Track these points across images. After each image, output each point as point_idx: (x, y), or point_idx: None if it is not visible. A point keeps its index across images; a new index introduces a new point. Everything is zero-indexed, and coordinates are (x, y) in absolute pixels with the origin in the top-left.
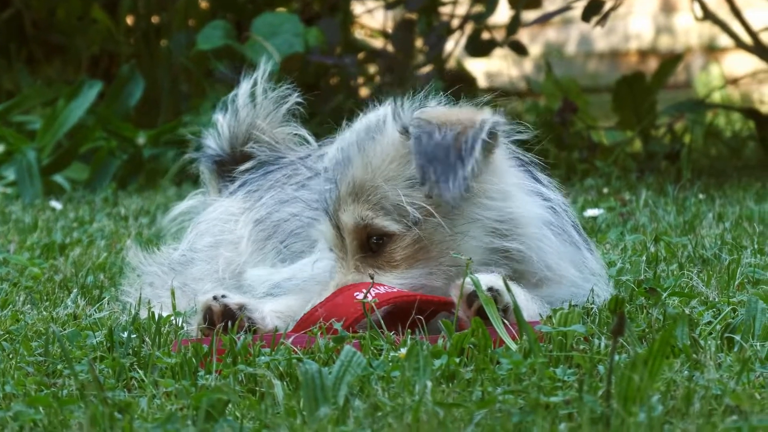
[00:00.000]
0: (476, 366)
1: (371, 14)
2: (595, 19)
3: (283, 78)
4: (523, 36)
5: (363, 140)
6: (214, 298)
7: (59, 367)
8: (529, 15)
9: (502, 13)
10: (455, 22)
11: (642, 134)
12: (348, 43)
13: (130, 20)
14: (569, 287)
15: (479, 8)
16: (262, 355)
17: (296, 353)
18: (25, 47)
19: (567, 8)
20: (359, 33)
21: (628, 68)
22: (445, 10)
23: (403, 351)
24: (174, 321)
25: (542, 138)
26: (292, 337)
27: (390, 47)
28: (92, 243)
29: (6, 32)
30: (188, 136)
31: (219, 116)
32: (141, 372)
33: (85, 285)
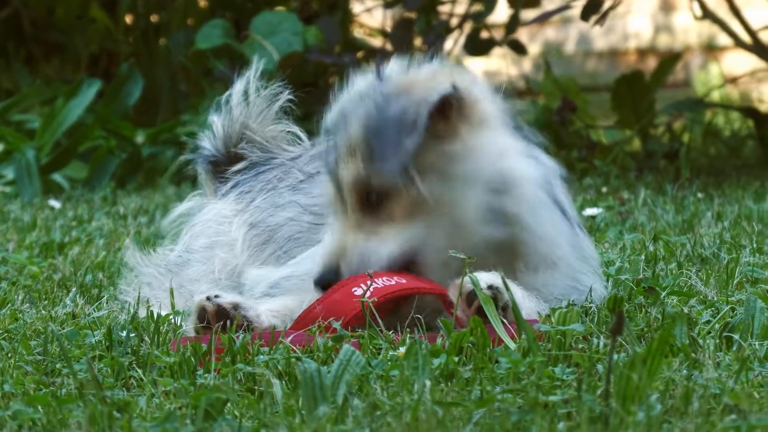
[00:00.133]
0: (475, 365)
1: (370, 13)
2: (594, 18)
3: (283, 77)
4: (522, 35)
5: (359, 100)
6: (208, 299)
7: (58, 366)
8: (528, 14)
9: (501, 12)
10: (454, 21)
11: (641, 133)
12: (347, 42)
13: (129, 19)
14: (566, 272)
15: (478, 7)
16: (261, 354)
17: (295, 352)
18: (24, 46)
19: (566, 7)
20: (358, 32)
21: (627, 67)
22: (444, 9)
23: (402, 350)
24: (173, 320)
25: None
26: (291, 336)
27: (389, 46)
28: (91, 242)
29: (4, 31)
30: (184, 138)
31: (215, 117)
32: (140, 371)
33: (84, 284)
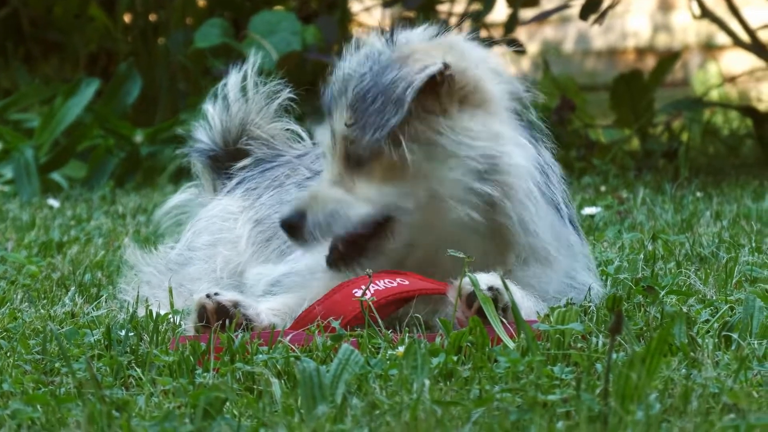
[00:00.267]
0: (474, 364)
1: (369, 12)
2: (593, 18)
3: (282, 76)
4: (521, 34)
5: (364, 59)
6: (208, 296)
7: (57, 365)
8: (527, 13)
9: (500, 11)
10: (453, 20)
11: (639, 132)
12: (346, 41)
13: (128, 18)
14: (559, 269)
15: (477, 6)
16: (260, 353)
17: (294, 351)
18: (23, 45)
19: (565, 6)
20: (357, 31)
21: (626, 66)
22: (443, 8)
23: (401, 349)
24: (172, 319)
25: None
26: (290, 335)
27: None
28: (90, 241)
29: (3, 30)
30: (182, 133)
31: (209, 107)
32: (139, 370)
33: (83, 283)
